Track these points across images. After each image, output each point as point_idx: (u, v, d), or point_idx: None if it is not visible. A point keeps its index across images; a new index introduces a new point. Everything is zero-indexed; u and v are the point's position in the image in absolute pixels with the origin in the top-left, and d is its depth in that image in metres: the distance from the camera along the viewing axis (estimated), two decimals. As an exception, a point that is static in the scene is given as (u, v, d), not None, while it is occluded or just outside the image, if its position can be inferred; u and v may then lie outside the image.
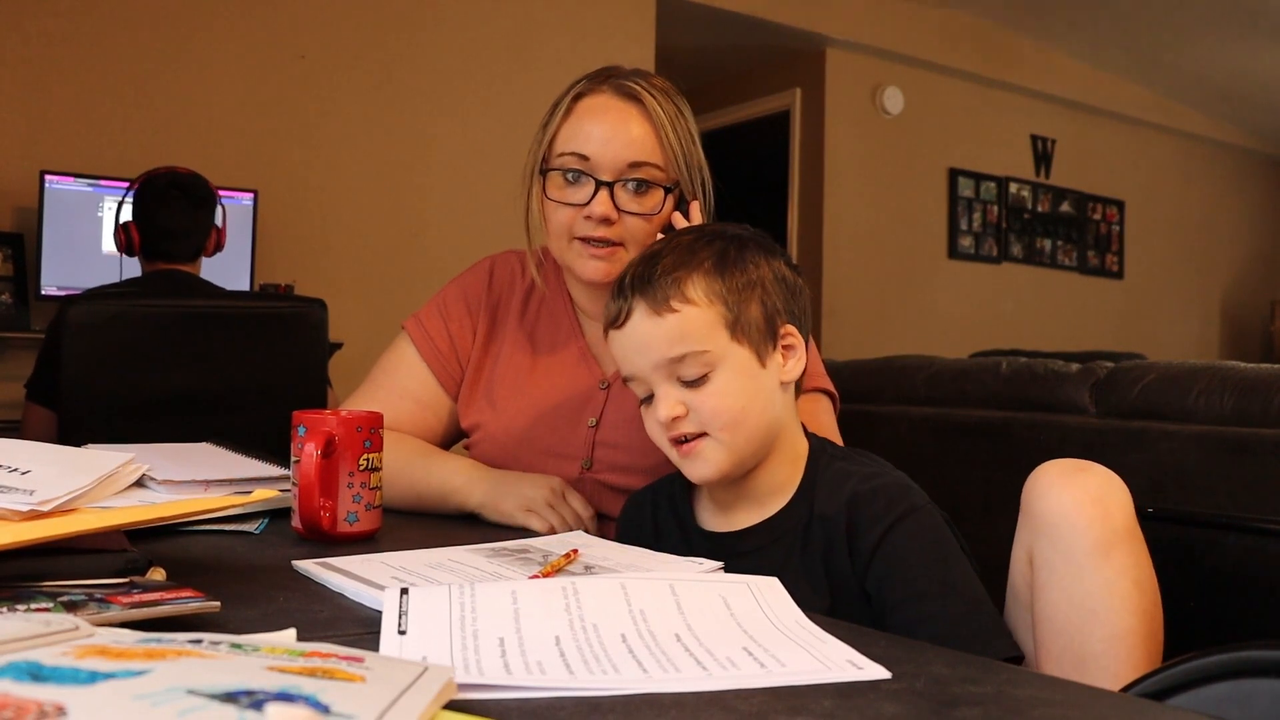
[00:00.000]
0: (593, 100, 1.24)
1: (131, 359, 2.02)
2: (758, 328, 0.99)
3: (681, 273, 0.98)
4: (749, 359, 0.98)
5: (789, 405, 1.04)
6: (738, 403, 0.97)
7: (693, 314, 0.97)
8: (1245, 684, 0.72)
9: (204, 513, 0.96)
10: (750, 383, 0.98)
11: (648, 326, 0.98)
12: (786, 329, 1.01)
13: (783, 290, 1.01)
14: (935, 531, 0.96)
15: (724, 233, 1.04)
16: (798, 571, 0.97)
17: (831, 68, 5.64)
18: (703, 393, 0.98)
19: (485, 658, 0.62)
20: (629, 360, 1.01)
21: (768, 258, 1.02)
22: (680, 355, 0.97)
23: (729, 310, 0.98)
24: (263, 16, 3.87)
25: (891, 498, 0.96)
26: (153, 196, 2.42)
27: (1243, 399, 2.11)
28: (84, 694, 0.43)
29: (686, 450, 1.00)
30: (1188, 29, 5.96)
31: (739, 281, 0.99)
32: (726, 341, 0.98)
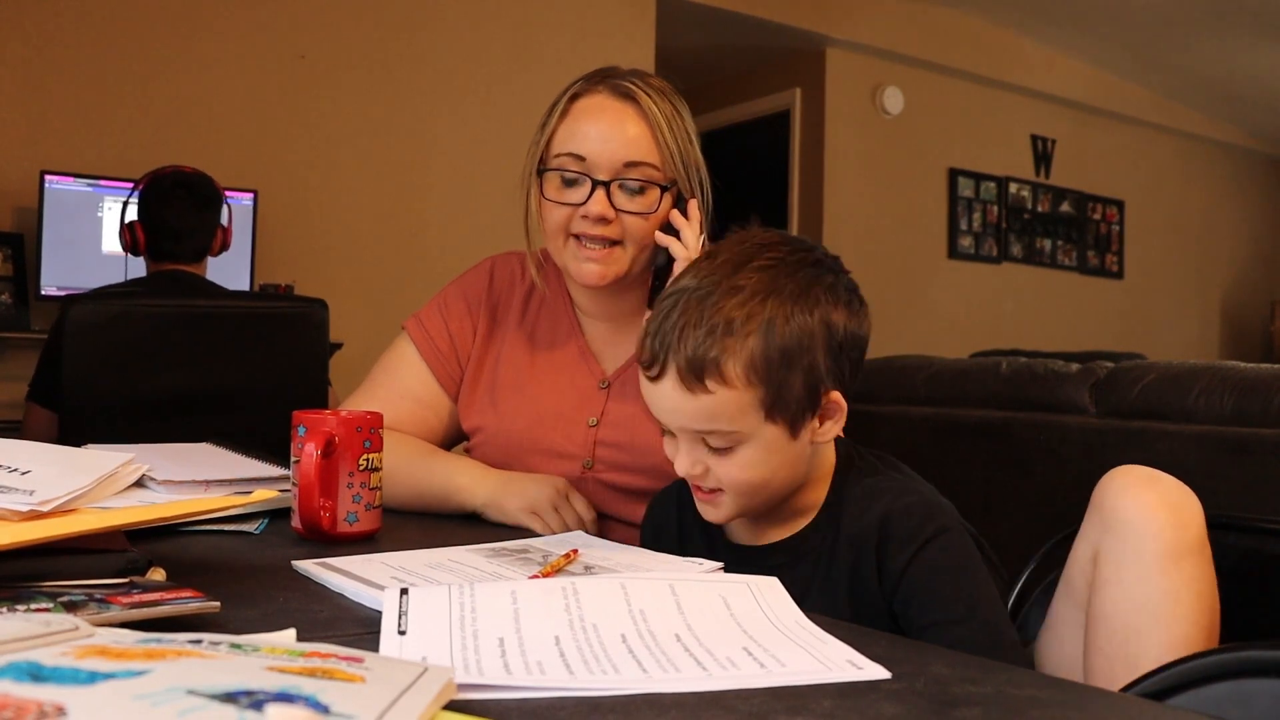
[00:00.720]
0: (589, 100, 1.24)
1: (133, 359, 2.02)
2: (797, 401, 0.93)
3: (721, 351, 0.90)
4: (780, 436, 0.94)
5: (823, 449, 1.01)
6: (759, 475, 0.95)
7: (727, 397, 0.91)
8: (1245, 684, 0.72)
9: (204, 513, 0.96)
10: (777, 456, 0.94)
11: (676, 397, 0.92)
12: (830, 396, 0.95)
13: (834, 355, 0.94)
14: (964, 553, 0.95)
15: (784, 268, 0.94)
16: (823, 588, 0.97)
17: (831, 68, 5.64)
18: (726, 461, 0.94)
19: (485, 658, 0.62)
20: (656, 410, 0.96)
21: (826, 311, 0.93)
22: (707, 430, 0.93)
23: (768, 391, 0.91)
24: (263, 16, 3.88)
25: (923, 518, 0.94)
26: (158, 196, 2.42)
27: (1243, 399, 2.11)
28: (84, 694, 0.43)
29: (702, 497, 0.98)
30: (1188, 29, 5.95)
31: (787, 353, 0.91)
32: (759, 422, 0.92)
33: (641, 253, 1.25)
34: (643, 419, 1.28)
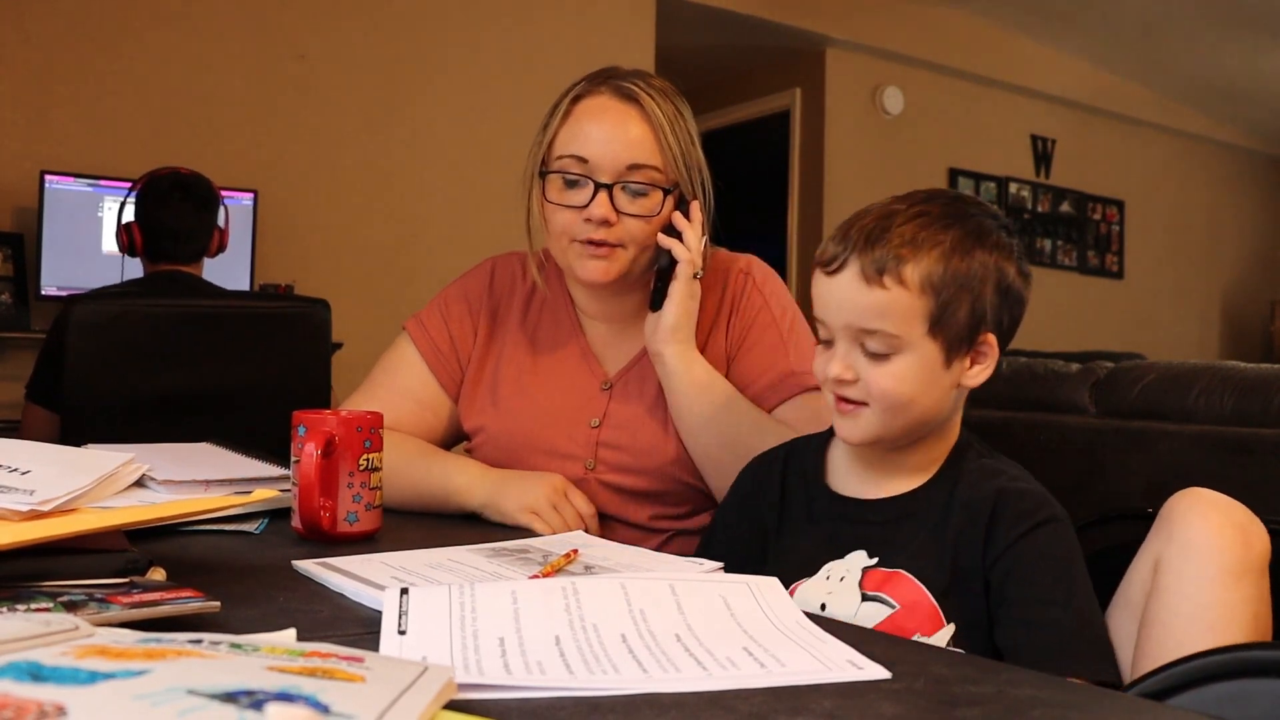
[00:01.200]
0: (591, 102, 1.24)
1: (135, 359, 2.02)
2: (959, 327, 0.97)
3: (908, 250, 0.95)
4: (936, 356, 0.97)
5: (957, 403, 1.03)
6: (907, 391, 0.97)
7: (900, 298, 0.95)
8: (1245, 684, 0.72)
9: (204, 513, 0.96)
10: (927, 377, 0.97)
11: (853, 289, 0.96)
12: (986, 337, 0.99)
13: (1000, 298, 0.98)
14: (1070, 546, 0.96)
15: (971, 214, 1.00)
16: (925, 549, 0.98)
17: (831, 68, 5.64)
18: (878, 369, 0.97)
19: (485, 658, 0.62)
20: (824, 307, 1.00)
21: (1001, 259, 0.98)
22: (872, 329, 0.96)
23: (937, 306, 0.96)
24: (263, 16, 3.88)
25: (1037, 503, 0.97)
26: (156, 197, 2.42)
27: (1243, 399, 2.11)
28: (84, 694, 0.43)
29: (844, 409, 1.00)
30: (1188, 29, 5.95)
31: (960, 277, 0.96)
32: (921, 334, 0.96)
33: (643, 254, 1.25)
34: (645, 420, 1.28)
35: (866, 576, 0.99)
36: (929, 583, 0.96)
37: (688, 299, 1.24)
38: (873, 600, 0.97)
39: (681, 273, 1.23)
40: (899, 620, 0.97)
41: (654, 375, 1.27)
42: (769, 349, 1.30)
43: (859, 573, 0.99)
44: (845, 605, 0.98)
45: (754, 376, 1.29)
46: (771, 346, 1.30)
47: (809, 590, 1.01)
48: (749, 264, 1.36)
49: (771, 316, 1.31)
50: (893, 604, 0.97)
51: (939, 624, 0.96)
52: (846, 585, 0.99)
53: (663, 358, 1.23)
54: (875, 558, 0.99)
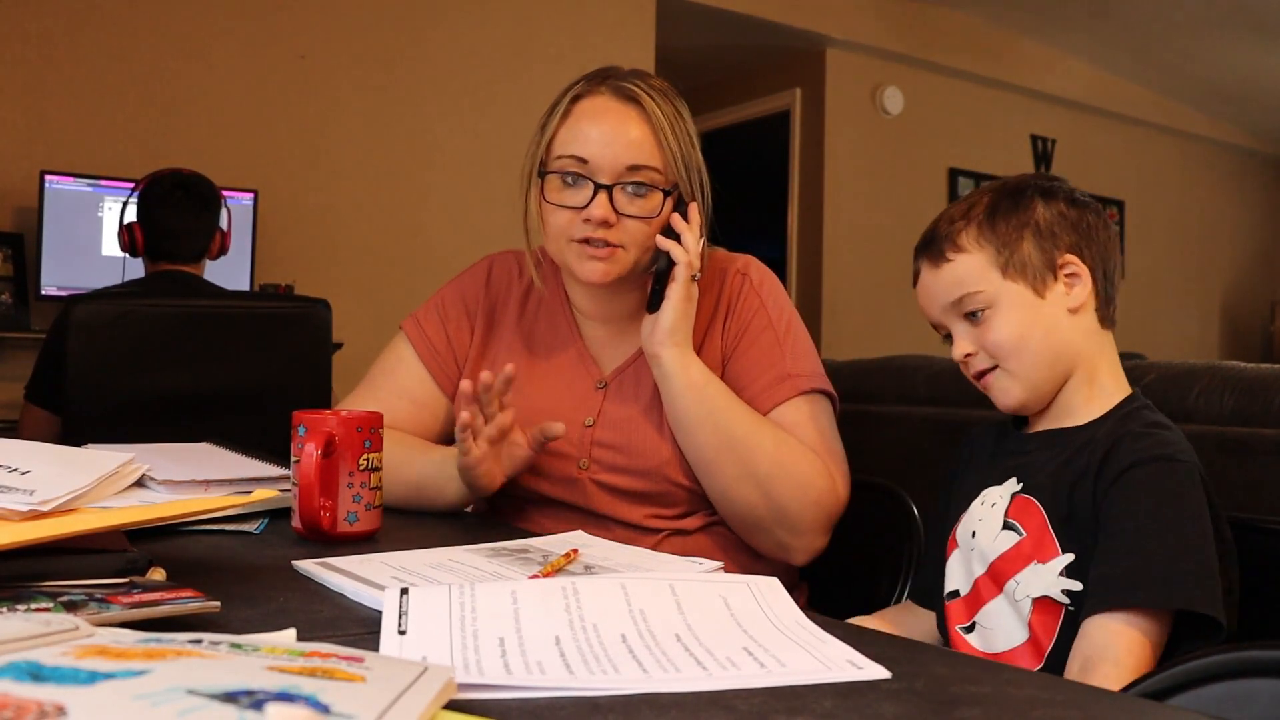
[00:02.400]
0: (591, 102, 1.24)
1: (136, 359, 2.02)
2: (1032, 262, 1.06)
3: (953, 227, 1.08)
4: (1024, 292, 1.06)
5: (1089, 334, 1.10)
6: (1015, 332, 1.06)
7: (965, 260, 1.07)
8: (1245, 684, 0.72)
9: (204, 513, 0.96)
10: (1027, 313, 1.06)
11: (930, 278, 1.11)
12: (1066, 258, 1.07)
13: (1062, 224, 1.07)
14: (1183, 486, 0.96)
15: (1002, 184, 1.11)
16: (1053, 478, 1.02)
17: (831, 68, 5.64)
18: (984, 328, 1.07)
19: (485, 658, 0.62)
20: (926, 310, 1.13)
21: (1045, 199, 1.08)
22: (958, 297, 1.08)
23: (999, 252, 1.06)
24: (263, 16, 3.87)
25: (1156, 442, 0.99)
26: (157, 196, 2.42)
27: (1243, 399, 2.11)
28: (84, 694, 0.43)
29: (984, 384, 1.10)
30: (1188, 29, 5.95)
31: (1010, 224, 1.07)
32: (999, 280, 1.06)
33: (642, 255, 1.25)
34: (639, 420, 1.28)
35: (1013, 503, 1.05)
36: (1050, 511, 1.01)
37: (685, 301, 1.23)
38: (1009, 528, 1.04)
39: (679, 275, 1.22)
40: (1024, 547, 1.02)
41: (650, 376, 1.27)
42: (765, 351, 1.29)
43: (1008, 498, 1.05)
44: (988, 532, 1.05)
45: (750, 378, 1.29)
46: (768, 348, 1.29)
47: (967, 520, 1.09)
48: (746, 265, 1.36)
49: (768, 318, 1.31)
50: (1021, 531, 1.03)
51: (1055, 551, 1.00)
52: (995, 511, 1.06)
53: (659, 359, 1.23)
54: (1022, 483, 1.05)
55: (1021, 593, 1.00)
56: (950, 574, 1.10)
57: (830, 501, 1.24)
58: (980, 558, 1.05)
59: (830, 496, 1.24)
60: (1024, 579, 1.01)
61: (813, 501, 1.23)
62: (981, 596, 1.05)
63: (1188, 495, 0.96)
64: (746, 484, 1.21)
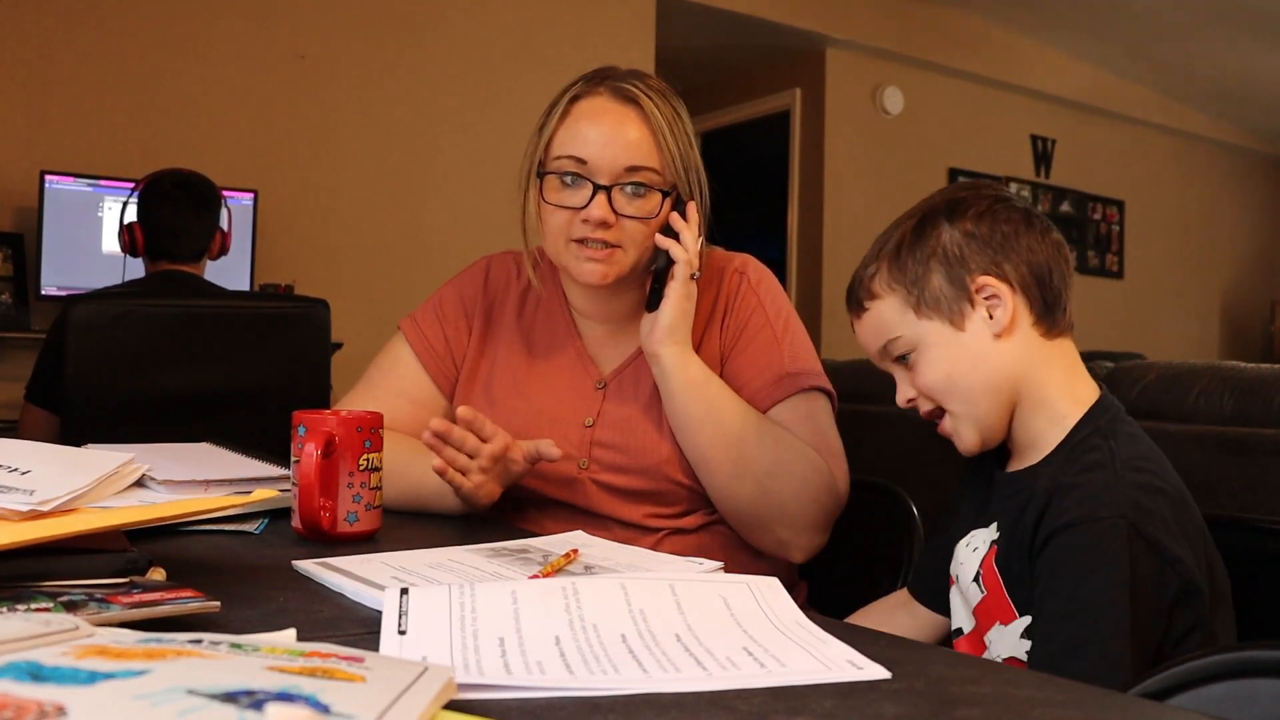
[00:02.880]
0: (589, 103, 1.23)
1: (136, 359, 2.02)
2: (943, 294, 1.01)
3: (866, 273, 1.06)
4: (941, 329, 1.01)
5: (1026, 354, 1.01)
6: (941, 372, 1.02)
7: (879, 306, 1.04)
8: (1245, 684, 0.72)
9: (204, 513, 0.96)
10: (949, 350, 1.01)
11: (857, 327, 1.09)
12: (979, 281, 1.00)
13: (970, 245, 1.01)
14: (1098, 549, 0.89)
15: (911, 213, 1.06)
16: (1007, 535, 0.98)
17: (831, 68, 5.64)
18: (915, 371, 1.04)
19: (485, 658, 0.62)
20: (866, 354, 1.10)
21: (950, 221, 1.02)
22: (883, 345, 1.05)
23: (909, 291, 1.02)
24: (263, 16, 3.87)
25: (1077, 500, 0.92)
26: (157, 196, 2.42)
27: (1243, 399, 2.11)
28: (84, 694, 0.43)
29: (941, 430, 1.06)
30: (1188, 29, 5.95)
31: (915, 258, 1.02)
32: (915, 321, 1.02)
33: (641, 256, 1.25)
34: (639, 420, 1.28)
35: (990, 550, 1.01)
36: (1004, 572, 0.98)
37: (684, 300, 1.23)
38: (976, 581, 1.01)
39: (679, 274, 1.22)
40: (987, 604, 0.99)
41: (649, 375, 1.27)
42: (763, 349, 1.29)
43: (987, 546, 1.01)
44: (966, 581, 1.02)
45: (748, 377, 1.29)
46: (766, 347, 1.29)
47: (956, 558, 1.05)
48: (744, 263, 1.36)
49: (766, 317, 1.31)
50: (983, 589, 1.00)
51: (1012, 614, 0.96)
52: (975, 557, 1.02)
53: (659, 358, 1.23)
54: (999, 532, 1.01)
55: (993, 650, 0.99)
56: (954, 610, 1.07)
57: (829, 499, 1.24)
58: (966, 606, 1.04)
59: (829, 494, 1.24)
60: (993, 637, 0.99)
61: (812, 499, 1.23)
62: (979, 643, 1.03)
63: (1107, 561, 0.88)
64: (746, 482, 1.21)
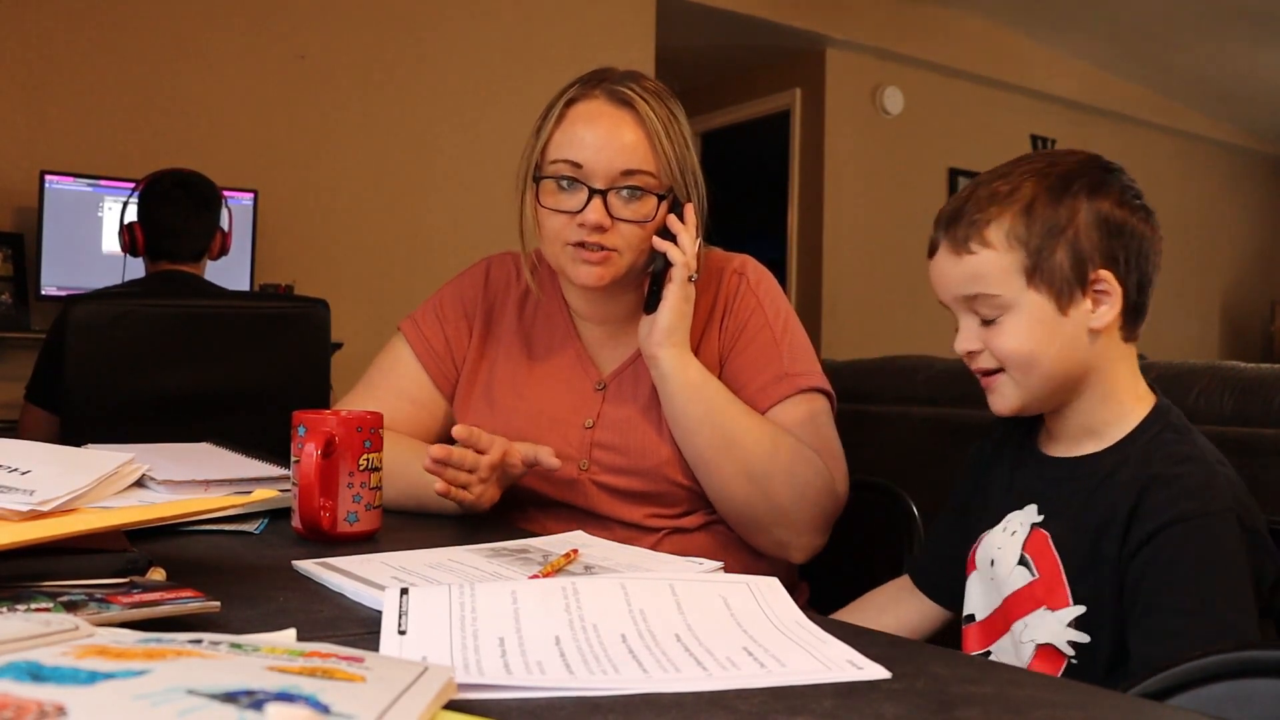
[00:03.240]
0: (585, 106, 1.23)
1: (136, 359, 2.02)
2: (1062, 274, 0.96)
3: (985, 215, 0.97)
4: (1046, 305, 0.96)
5: (1107, 350, 0.99)
6: (1026, 347, 0.97)
7: (988, 258, 0.97)
8: (1245, 684, 0.72)
9: (204, 513, 0.96)
10: (1044, 329, 0.96)
11: (947, 264, 1.01)
12: (1098, 274, 0.96)
13: (1102, 233, 0.96)
14: (1218, 542, 0.88)
15: (1050, 167, 0.99)
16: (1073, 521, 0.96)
17: (831, 68, 5.64)
18: (995, 332, 0.98)
19: (485, 658, 0.62)
20: (935, 286, 1.03)
21: (1091, 197, 0.96)
22: (973, 294, 0.99)
23: (1028, 256, 0.96)
24: (263, 16, 3.88)
25: (1184, 492, 0.90)
26: (157, 195, 2.42)
27: (1243, 399, 2.11)
28: (84, 694, 0.43)
29: (985, 383, 1.02)
30: (1188, 29, 5.95)
31: (1046, 226, 0.96)
32: (1021, 287, 0.96)
33: (638, 259, 1.25)
34: (639, 421, 1.28)
35: (1032, 535, 0.98)
36: (1065, 558, 0.95)
37: (682, 302, 1.23)
38: (1022, 564, 0.97)
39: (676, 276, 1.22)
40: (1035, 590, 0.96)
41: (648, 376, 1.27)
42: (763, 350, 1.29)
43: (1027, 529, 0.99)
44: (1005, 565, 0.99)
45: (748, 378, 1.29)
46: (765, 348, 1.30)
47: (988, 543, 1.02)
48: (743, 264, 1.36)
49: (765, 318, 1.31)
50: (1034, 571, 0.96)
51: (1066, 601, 0.94)
52: (1014, 542, 0.99)
53: (657, 361, 1.23)
54: (1042, 515, 0.99)
55: (1027, 635, 0.96)
56: (969, 596, 1.05)
57: (828, 499, 1.24)
58: (995, 590, 1.01)
59: (828, 495, 1.24)
60: (1032, 622, 0.96)
61: (811, 500, 1.23)
62: (996, 629, 1.01)
63: (1224, 554, 0.88)
64: (745, 483, 1.21)
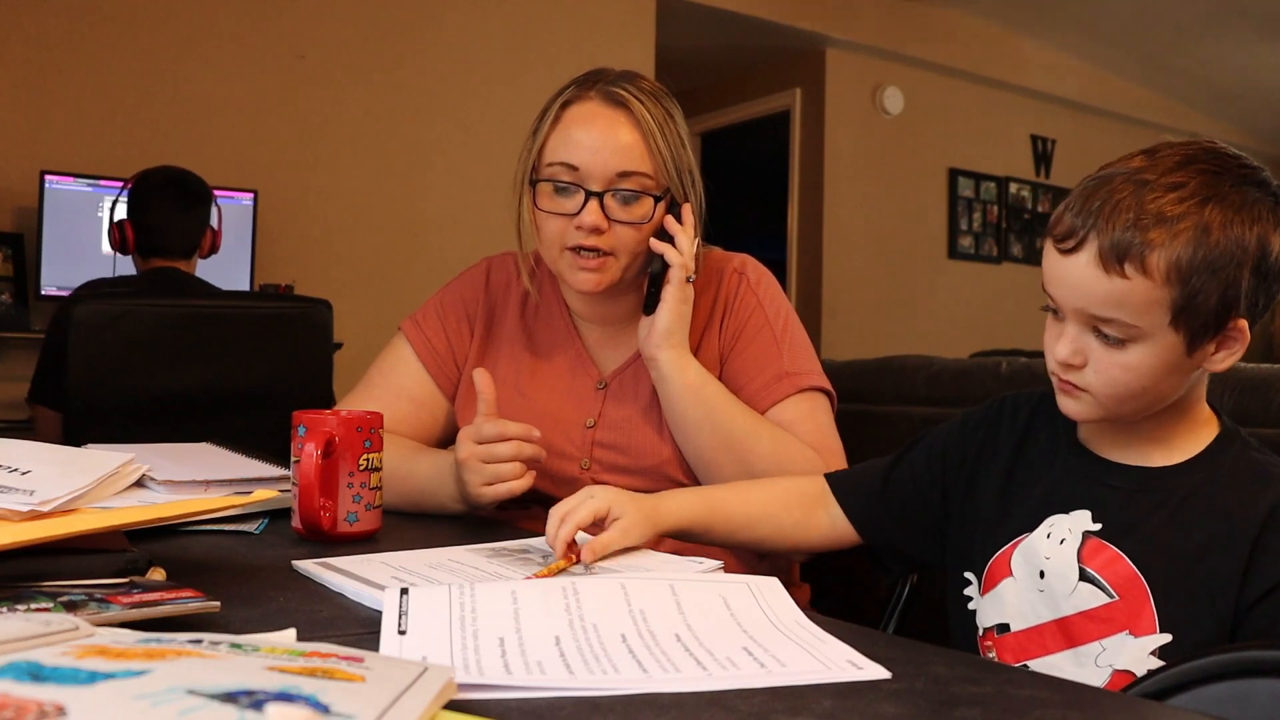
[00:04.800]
0: (580, 108, 1.23)
1: (136, 359, 2.02)
2: (1207, 315, 0.86)
3: (1156, 234, 0.85)
4: (1178, 346, 0.87)
5: (1199, 384, 0.94)
6: (1140, 383, 0.88)
7: (1141, 288, 0.85)
8: (1245, 684, 0.72)
9: (204, 513, 0.96)
10: (1165, 367, 0.88)
11: (1089, 276, 0.87)
12: (1237, 323, 0.88)
13: (1258, 280, 0.87)
14: None
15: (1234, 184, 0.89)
16: (1160, 540, 0.90)
17: (831, 68, 5.64)
18: (1112, 356, 0.89)
19: (485, 658, 0.62)
20: (1055, 285, 0.91)
21: (1265, 232, 0.87)
22: (1107, 318, 0.87)
23: (1183, 295, 0.85)
24: (263, 16, 3.87)
25: None
26: (146, 193, 2.41)
27: (1243, 399, 2.10)
28: (84, 694, 0.43)
29: (1065, 389, 0.93)
30: (1188, 29, 5.95)
31: (1213, 263, 0.85)
32: (1163, 324, 0.86)
33: (635, 260, 1.25)
34: (639, 420, 1.28)
35: (1086, 544, 0.91)
36: (1153, 580, 0.88)
37: (681, 303, 1.23)
38: (1090, 582, 0.90)
39: (674, 277, 1.22)
40: (1115, 612, 0.89)
41: (649, 376, 1.27)
42: (763, 350, 1.29)
43: (1079, 537, 0.92)
44: (1062, 580, 0.91)
45: (748, 378, 1.29)
46: (765, 347, 1.29)
47: (1029, 550, 0.94)
48: (743, 264, 1.36)
49: (765, 317, 1.31)
50: (1111, 593, 0.89)
51: (1151, 628, 0.88)
52: (1065, 551, 0.92)
53: (656, 362, 1.23)
54: (1099, 524, 0.92)
55: (1105, 660, 0.90)
56: (1002, 603, 0.96)
57: (829, 500, 1.24)
58: (1050, 604, 0.93)
59: (829, 495, 1.24)
60: (1111, 647, 0.89)
61: (812, 501, 1.22)
62: (1046, 645, 0.93)
63: None
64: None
